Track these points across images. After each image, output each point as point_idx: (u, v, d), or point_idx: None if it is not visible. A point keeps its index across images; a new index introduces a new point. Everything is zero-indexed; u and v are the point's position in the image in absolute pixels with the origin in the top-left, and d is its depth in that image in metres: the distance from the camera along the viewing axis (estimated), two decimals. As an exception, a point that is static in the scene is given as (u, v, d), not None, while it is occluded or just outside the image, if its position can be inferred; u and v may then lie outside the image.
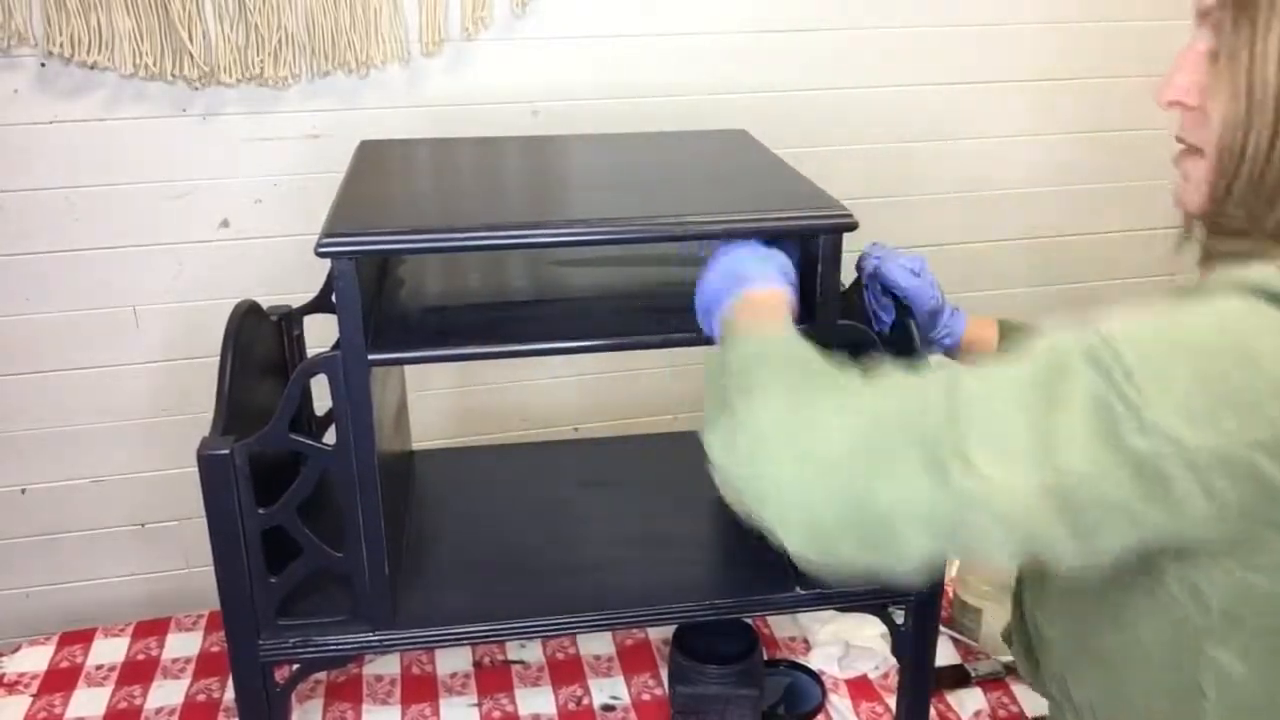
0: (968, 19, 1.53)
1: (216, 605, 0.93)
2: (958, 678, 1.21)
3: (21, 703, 1.15)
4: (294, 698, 1.04)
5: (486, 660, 1.21)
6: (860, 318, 1.01)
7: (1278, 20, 0.67)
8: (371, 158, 1.09)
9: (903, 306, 0.99)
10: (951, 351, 1.02)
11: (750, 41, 1.45)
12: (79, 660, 1.22)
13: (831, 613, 1.24)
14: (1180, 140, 0.74)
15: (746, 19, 1.44)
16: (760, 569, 1.00)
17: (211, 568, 0.91)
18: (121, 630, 1.27)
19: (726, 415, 0.71)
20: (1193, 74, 0.72)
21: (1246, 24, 0.68)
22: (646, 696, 1.17)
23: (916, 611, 1.00)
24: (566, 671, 1.20)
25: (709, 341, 0.86)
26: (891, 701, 1.17)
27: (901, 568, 0.65)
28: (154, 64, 1.26)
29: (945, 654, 1.23)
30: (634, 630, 1.23)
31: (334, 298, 0.85)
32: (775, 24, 1.45)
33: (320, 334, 1.06)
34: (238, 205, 1.37)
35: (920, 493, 0.62)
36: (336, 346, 0.86)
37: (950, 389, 0.64)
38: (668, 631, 1.21)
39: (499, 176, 1.07)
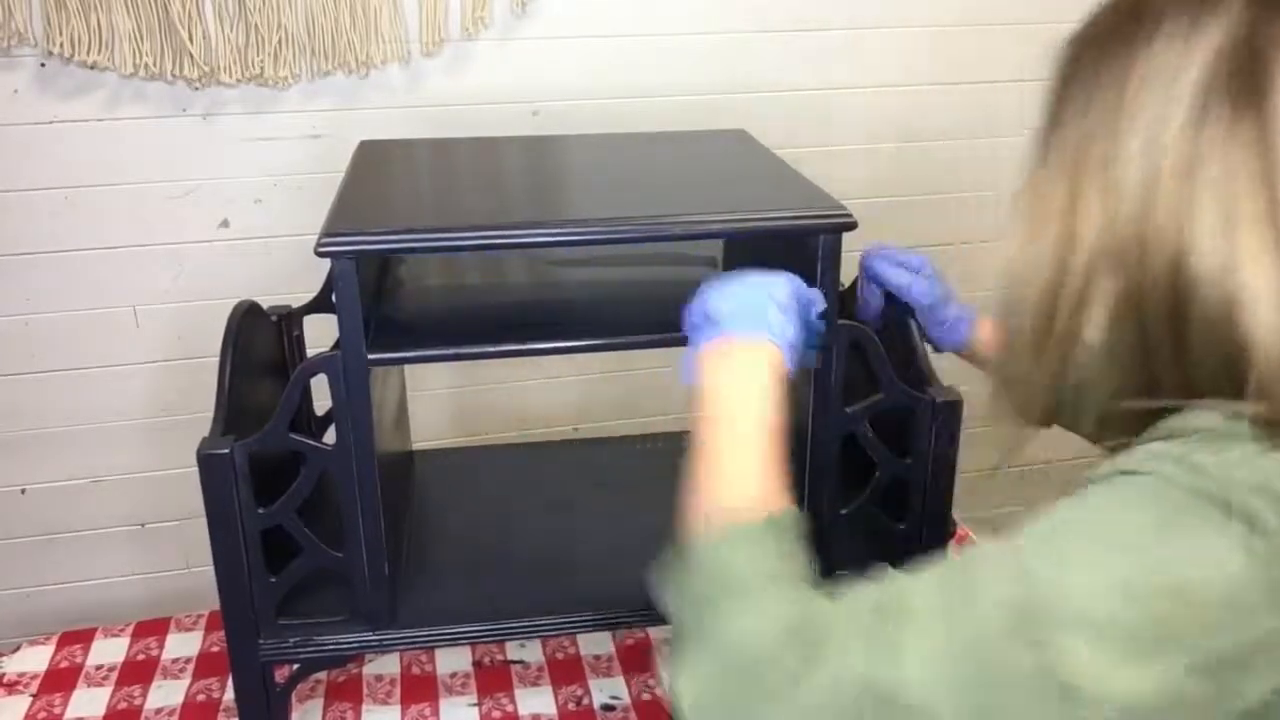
0: (970, 18, 1.53)
1: (216, 605, 0.94)
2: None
3: (21, 703, 1.15)
4: (294, 698, 1.04)
5: (486, 660, 1.21)
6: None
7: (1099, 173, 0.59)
8: (371, 158, 1.09)
9: (904, 304, 0.99)
10: (959, 351, 1.02)
11: (750, 41, 1.45)
12: (79, 660, 1.22)
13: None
14: None
15: (746, 19, 1.44)
16: (760, 569, 1.00)
17: (211, 568, 0.92)
18: (121, 630, 1.27)
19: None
20: None
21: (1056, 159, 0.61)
22: (646, 696, 1.16)
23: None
24: (566, 671, 1.20)
25: None
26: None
27: None
28: (154, 64, 1.26)
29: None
30: (634, 630, 1.23)
31: (334, 298, 0.85)
32: (775, 24, 1.45)
33: (320, 334, 1.06)
34: (238, 205, 1.37)
35: None
36: (336, 346, 0.86)
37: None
38: (668, 631, 1.20)
39: (499, 176, 1.07)
